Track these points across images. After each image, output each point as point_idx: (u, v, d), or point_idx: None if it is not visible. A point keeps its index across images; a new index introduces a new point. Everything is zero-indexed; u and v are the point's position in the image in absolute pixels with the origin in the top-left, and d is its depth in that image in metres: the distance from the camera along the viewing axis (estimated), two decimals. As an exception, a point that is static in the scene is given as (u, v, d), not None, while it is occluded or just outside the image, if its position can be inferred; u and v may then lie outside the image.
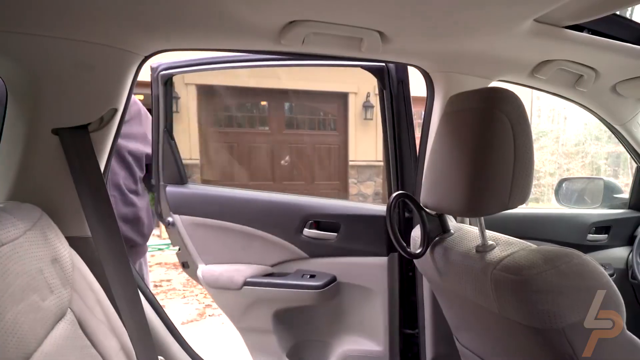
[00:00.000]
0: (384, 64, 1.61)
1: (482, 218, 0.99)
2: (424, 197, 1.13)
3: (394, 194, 1.20)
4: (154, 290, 4.57)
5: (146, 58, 1.13)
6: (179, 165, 1.94)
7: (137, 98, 1.84)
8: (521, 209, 2.18)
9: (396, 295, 1.72)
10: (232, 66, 1.86)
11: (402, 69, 1.64)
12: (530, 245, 0.95)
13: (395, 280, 1.71)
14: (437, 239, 1.17)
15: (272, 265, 1.85)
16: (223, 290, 1.85)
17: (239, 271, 1.83)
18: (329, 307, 1.83)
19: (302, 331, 1.92)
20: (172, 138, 1.94)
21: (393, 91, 1.64)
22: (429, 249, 1.18)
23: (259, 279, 1.82)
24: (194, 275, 1.94)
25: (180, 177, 1.94)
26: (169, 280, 5.14)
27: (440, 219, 1.16)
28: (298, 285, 1.76)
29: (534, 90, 1.74)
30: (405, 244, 1.21)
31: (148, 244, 2.15)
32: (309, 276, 1.77)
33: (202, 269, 1.89)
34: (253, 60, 1.78)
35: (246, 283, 1.81)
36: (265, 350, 1.91)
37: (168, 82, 1.97)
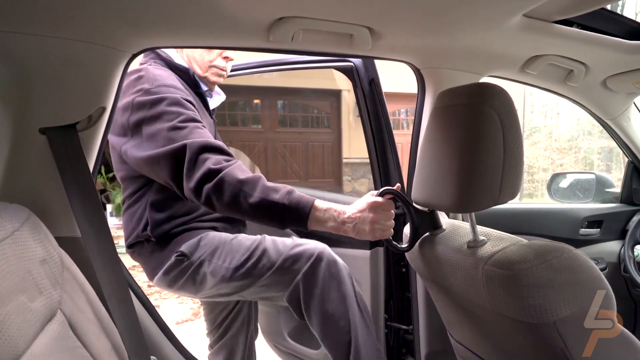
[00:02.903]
0: (352, 64, 1.62)
1: (473, 213, 1.00)
2: (414, 193, 1.13)
3: (382, 189, 1.21)
4: (148, 291, 4.55)
5: (134, 56, 1.12)
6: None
7: None
8: (514, 204, 2.19)
9: (380, 289, 1.75)
10: (253, 72, 1.96)
11: (372, 68, 1.65)
12: (522, 240, 0.95)
13: (380, 275, 1.73)
14: (428, 234, 1.17)
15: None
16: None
17: None
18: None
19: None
20: None
21: (365, 89, 1.65)
22: (421, 245, 1.18)
23: None
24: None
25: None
26: (163, 280, 5.12)
27: (432, 215, 1.16)
28: None
29: (527, 86, 1.74)
30: (392, 239, 1.23)
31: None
32: None
33: None
34: (270, 65, 1.90)
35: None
36: (271, 329, 2.08)
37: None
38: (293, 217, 1.16)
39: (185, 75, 1.43)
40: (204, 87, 1.50)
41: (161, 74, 1.32)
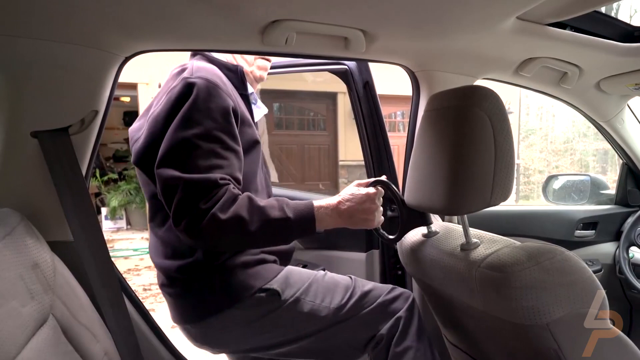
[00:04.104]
0: (346, 66, 1.62)
1: (466, 216, 1.00)
2: (407, 196, 1.13)
3: (373, 179, 1.22)
4: (143, 294, 4.53)
5: (127, 59, 1.11)
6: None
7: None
8: (510, 206, 2.19)
9: None
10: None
11: (366, 70, 1.65)
12: (514, 242, 0.95)
13: (375, 277, 1.72)
14: (422, 237, 1.18)
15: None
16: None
17: None
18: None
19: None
20: None
21: (359, 92, 1.65)
22: (414, 248, 1.18)
23: None
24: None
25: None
26: (159, 284, 5.10)
27: (423, 215, 1.17)
28: None
29: (522, 88, 1.75)
30: (384, 232, 1.24)
31: (136, 247, 2.05)
32: (301, 265, 1.83)
33: None
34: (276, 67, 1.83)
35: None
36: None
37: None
38: (301, 228, 1.11)
39: (232, 74, 1.28)
40: (250, 89, 1.35)
41: (205, 66, 1.18)
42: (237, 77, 1.29)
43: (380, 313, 1.27)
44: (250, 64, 1.37)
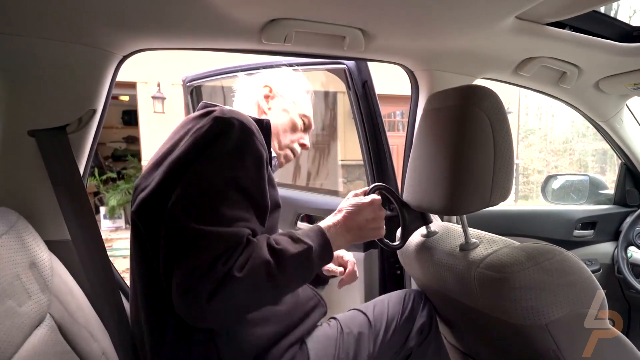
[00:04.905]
0: (345, 66, 1.62)
1: (465, 217, 0.99)
2: (406, 196, 1.12)
3: (371, 186, 1.17)
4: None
5: (125, 57, 1.11)
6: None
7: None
8: (509, 206, 2.19)
9: (375, 291, 1.73)
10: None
11: (365, 70, 1.64)
12: (513, 242, 0.95)
13: (374, 277, 1.71)
14: (421, 238, 1.17)
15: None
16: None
17: None
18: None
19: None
20: None
21: (358, 91, 1.64)
22: (414, 248, 1.18)
23: None
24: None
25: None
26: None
27: (423, 215, 1.16)
28: None
29: (521, 88, 1.74)
30: (388, 241, 1.21)
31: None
32: None
33: None
34: (262, 67, 1.80)
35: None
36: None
37: (193, 91, 2.27)
38: (321, 255, 0.93)
39: (261, 128, 1.04)
40: (273, 153, 1.21)
41: (237, 110, 1.00)
42: (265, 130, 1.08)
43: (405, 326, 1.22)
44: (282, 148, 1.25)
